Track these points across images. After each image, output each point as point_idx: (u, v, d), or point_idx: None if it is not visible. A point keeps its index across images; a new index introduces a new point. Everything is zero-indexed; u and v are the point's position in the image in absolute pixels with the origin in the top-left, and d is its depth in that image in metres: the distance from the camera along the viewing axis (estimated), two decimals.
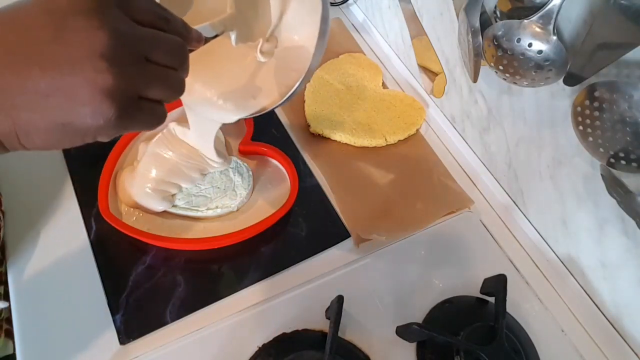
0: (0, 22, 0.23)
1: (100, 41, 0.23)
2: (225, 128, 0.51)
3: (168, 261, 0.48)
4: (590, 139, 0.36)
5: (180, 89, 0.29)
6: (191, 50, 0.32)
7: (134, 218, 0.50)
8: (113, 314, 0.44)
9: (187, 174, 0.51)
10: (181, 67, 0.29)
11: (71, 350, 0.42)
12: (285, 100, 0.40)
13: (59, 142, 0.25)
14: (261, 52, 0.42)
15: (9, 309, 0.46)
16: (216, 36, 0.37)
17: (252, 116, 0.43)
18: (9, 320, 0.51)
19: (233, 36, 0.40)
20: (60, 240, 0.48)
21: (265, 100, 0.42)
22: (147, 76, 0.26)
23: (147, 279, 0.47)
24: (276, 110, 0.63)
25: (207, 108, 0.44)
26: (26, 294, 0.45)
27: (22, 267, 0.46)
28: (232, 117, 0.44)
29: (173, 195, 0.51)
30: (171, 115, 0.57)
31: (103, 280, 0.46)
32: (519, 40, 0.39)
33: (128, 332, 0.43)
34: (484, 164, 0.59)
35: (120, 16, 0.25)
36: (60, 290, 0.45)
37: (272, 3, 0.42)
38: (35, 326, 0.43)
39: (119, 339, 0.43)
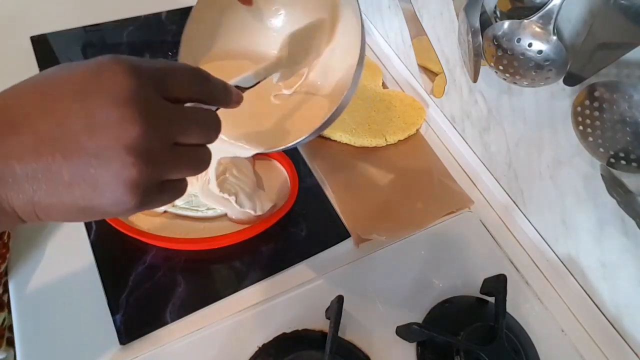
0: (32, 102, 0.23)
1: (130, 135, 0.23)
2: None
3: (168, 261, 0.48)
4: (590, 139, 0.36)
5: (205, 164, 0.28)
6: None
7: (134, 218, 0.50)
8: (113, 314, 0.44)
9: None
10: (210, 141, 0.28)
11: (71, 350, 0.42)
12: (314, 133, 0.39)
13: (77, 219, 0.25)
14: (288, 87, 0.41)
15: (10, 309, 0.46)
16: (257, 83, 0.35)
17: (277, 151, 0.42)
18: (10, 329, 0.51)
19: (275, 77, 0.39)
20: (60, 240, 0.48)
21: (295, 134, 0.40)
22: (173, 161, 0.25)
23: (147, 279, 0.47)
24: None
25: (228, 145, 0.43)
26: (26, 294, 0.45)
27: (22, 267, 0.46)
28: (252, 152, 0.42)
29: None
30: None
31: (103, 280, 0.46)
32: (519, 40, 0.39)
33: (128, 332, 0.43)
34: (484, 164, 0.59)
35: (155, 102, 0.24)
36: (60, 290, 0.45)
37: (319, 39, 0.40)
38: (35, 326, 0.43)
39: (119, 339, 0.43)
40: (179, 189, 0.28)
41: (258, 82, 0.35)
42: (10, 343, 0.52)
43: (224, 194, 0.48)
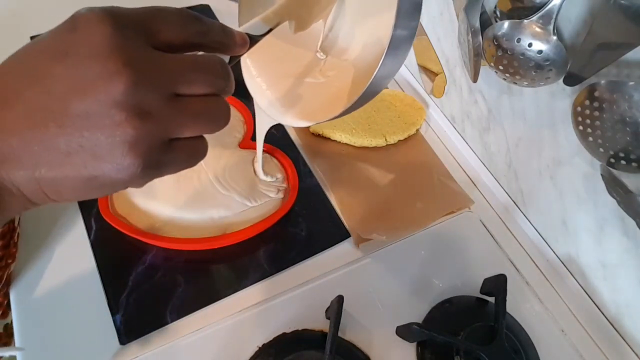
0: (18, 74, 0.22)
1: (117, 89, 0.21)
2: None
3: (168, 261, 0.48)
4: (590, 139, 0.36)
5: (223, 118, 0.25)
6: (237, 57, 0.29)
7: (134, 219, 0.50)
8: (113, 314, 0.44)
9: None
10: (223, 90, 0.25)
11: (71, 350, 0.42)
12: (343, 113, 0.34)
13: (89, 195, 0.23)
14: (322, 48, 0.39)
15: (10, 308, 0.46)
16: (269, 31, 0.32)
17: (316, 123, 0.39)
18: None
19: (291, 26, 0.35)
20: (60, 240, 0.48)
21: (331, 109, 0.36)
22: (176, 117, 0.23)
23: (147, 279, 0.47)
24: None
25: (274, 112, 0.41)
26: (26, 294, 0.45)
27: (22, 267, 0.46)
28: (294, 122, 0.40)
29: None
30: None
31: (103, 280, 0.46)
32: (519, 40, 0.39)
33: (128, 332, 0.43)
34: (484, 164, 0.59)
35: (142, 50, 0.22)
36: (60, 290, 0.45)
37: None
38: (35, 326, 0.43)
39: (119, 339, 0.43)
40: (195, 148, 0.25)
41: (270, 30, 0.32)
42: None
43: (266, 176, 0.51)
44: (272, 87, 0.42)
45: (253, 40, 0.30)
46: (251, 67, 0.42)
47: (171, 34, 0.24)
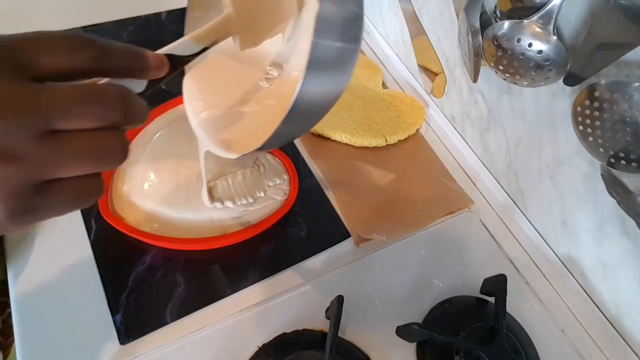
0: None
1: None
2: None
3: (168, 261, 0.48)
4: (590, 139, 0.36)
5: (119, 154, 0.22)
6: (157, 81, 0.25)
7: (134, 219, 0.50)
8: (113, 314, 0.44)
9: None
10: (120, 122, 0.22)
11: (71, 350, 0.42)
12: (261, 148, 0.29)
13: None
14: (274, 66, 0.35)
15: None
16: (204, 50, 0.29)
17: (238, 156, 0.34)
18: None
19: (236, 42, 0.32)
20: (60, 240, 0.48)
21: (248, 143, 0.32)
22: (51, 156, 0.20)
23: (147, 279, 0.47)
24: None
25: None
26: (26, 294, 0.45)
27: (22, 267, 0.46)
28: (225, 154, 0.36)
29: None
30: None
31: (103, 280, 0.46)
32: (519, 40, 0.39)
33: (128, 332, 0.43)
34: (484, 164, 0.59)
35: (13, 83, 0.20)
36: (60, 290, 0.45)
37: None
38: (35, 326, 0.43)
39: (119, 339, 0.43)
40: (83, 188, 0.22)
41: (205, 49, 0.29)
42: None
43: (212, 203, 0.48)
44: (207, 109, 0.38)
45: (182, 60, 0.27)
46: (191, 85, 0.39)
47: (55, 61, 0.21)
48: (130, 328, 0.44)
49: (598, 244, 0.45)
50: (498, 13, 0.42)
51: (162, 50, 0.27)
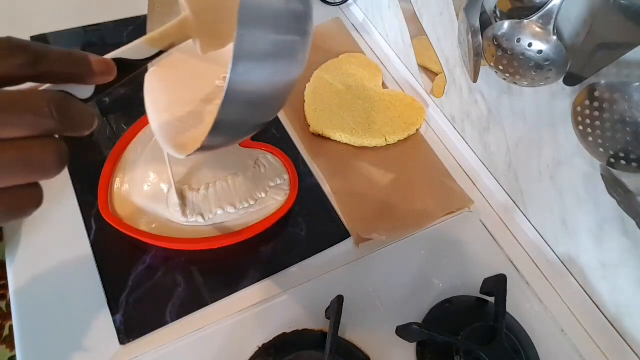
0: None
1: None
2: None
3: (168, 261, 0.48)
4: (590, 139, 0.36)
5: (54, 164, 0.21)
6: (109, 85, 0.25)
7: (134, 220, 0.50)
8: (113, 314, 0.44)
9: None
10: (53, 130, 0.21)
11: (71, 350, 0.42)
12: (200, 150, 0.28)
13: None
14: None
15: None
16: (159, 53, 0.28)
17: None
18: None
19: (197, 45, 0.31)
20: (60, 240, 0.48)
21: (193, 144, 0.30)
22: None
23: (147, 279, 0.47)
24: None
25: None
26: (26, 294, 0.45)
27: (22, 267, 0.46)
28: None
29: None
30: None
31: (103, 280, 0.46)
32: (519, 40, 0.39)
33: (128, 332, 0.43)
34: (484, 164, 0.59)
35: None
36: (60, 290, 0.45)
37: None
38: (35, 326, 0.43)
39: (119, 339, 0.43)
40: (15, 200, 0.21)
41: (161, 52, 0.28)
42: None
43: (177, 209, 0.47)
44: (166, 110, 0.37)
45: (136, 64, 0.26)
46: (154, 86, 0.38)
47: None
48: (130, 328, 0.44)
49: (598, 244, 0.45)
50: (498, 13, 0.42)
51: (112, 55, 0.26)
